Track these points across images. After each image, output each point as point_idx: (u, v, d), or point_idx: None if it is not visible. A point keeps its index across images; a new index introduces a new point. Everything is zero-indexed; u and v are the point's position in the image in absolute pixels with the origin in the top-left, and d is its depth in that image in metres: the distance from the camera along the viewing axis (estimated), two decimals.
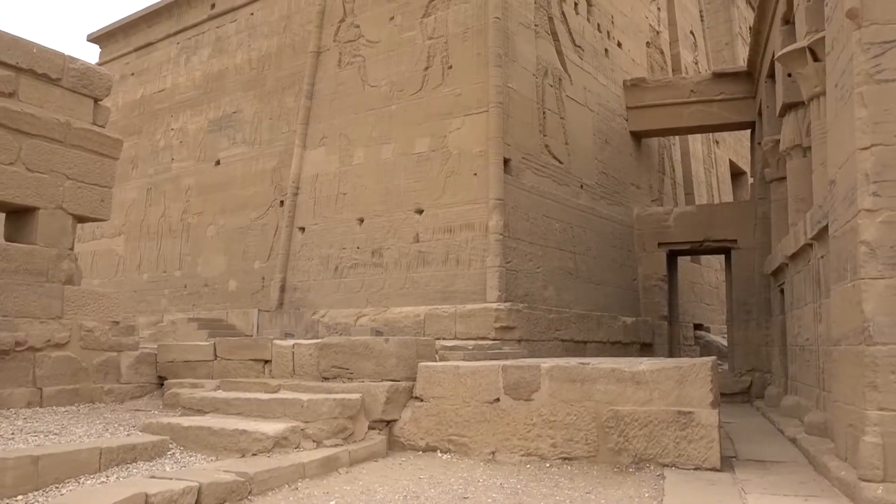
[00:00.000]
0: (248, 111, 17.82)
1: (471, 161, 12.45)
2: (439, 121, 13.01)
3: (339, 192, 14.24)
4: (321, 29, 15.43)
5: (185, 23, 20.17)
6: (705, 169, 21.71)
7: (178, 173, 19.13)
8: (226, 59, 18.83)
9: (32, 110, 8.90)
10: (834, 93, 7.03)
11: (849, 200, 6.23)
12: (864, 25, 6.18)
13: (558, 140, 14.14)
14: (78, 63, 9.57)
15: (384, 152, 13.73)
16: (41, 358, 8.69)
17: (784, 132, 11.23)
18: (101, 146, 9.69)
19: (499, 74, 12.42)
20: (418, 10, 13.80)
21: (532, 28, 13.70)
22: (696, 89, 16.86)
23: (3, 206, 8.83)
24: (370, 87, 14.26)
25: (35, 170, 8.91)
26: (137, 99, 21.03)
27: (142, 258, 19.46)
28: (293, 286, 14.69)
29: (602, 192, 15.67)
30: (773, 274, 13.07)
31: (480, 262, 11.99)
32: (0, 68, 8.65)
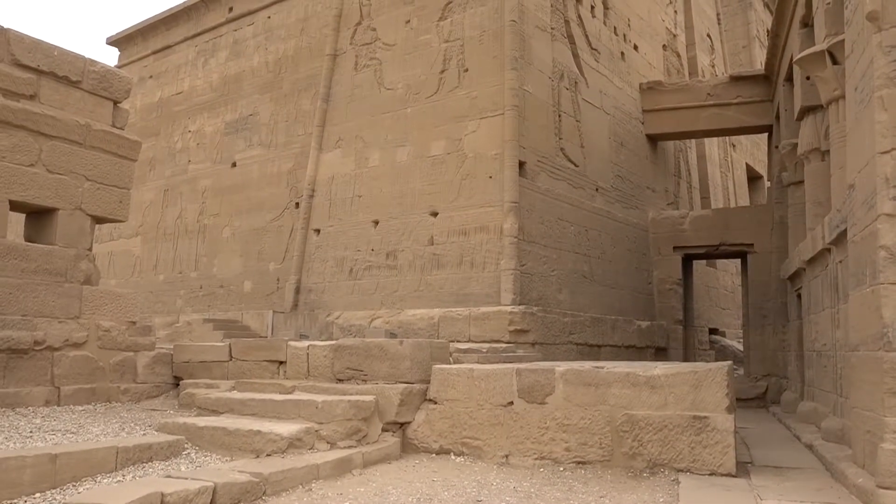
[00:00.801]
0: (264, 113, 17.92)
1: (486, 164, 12.45)
2: (455, 123, 13.03)
3: (355, 195, 14.29)
4: (338, 32, 15.49)
5: (203, 26, 20.33)
6: (721, 172, 21.57)
7: (194, 175, 19.27)
8: (243, 62, 18.96)
9: (53, 112, 9.00)
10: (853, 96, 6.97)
11: (868, 205, 6.18)
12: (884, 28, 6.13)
13: (574, 143, 14.11)
14: (98, 66, 9.67)
15: (399, 155, 13.76)
16: (59, 357, 8.77)
17: (802, 136, 11.14)
18: (120, 148, 9.79)
19: (514, 77, 12.42)
20: (434, 14, 13.83)
21: (548, 31, 13.69)
22: (712, 92, 16.77)
23: (24, 206, 8.94)
24: (386, 90, 14.30)
25: (55, 171, 9.01)
26: (155, 101, 21.22)
27: (158, 259, 19.62)
28: (308, 288, 14.74)
29: (617, 196, 15.61)
30: (790, 279, 12.95)
31: (495, 264, 11.98)
32: (21, 71, 8.76)
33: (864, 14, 6.23)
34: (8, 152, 8.50)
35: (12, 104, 8.56)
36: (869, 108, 6.20)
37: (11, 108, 8.53)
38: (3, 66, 8.57)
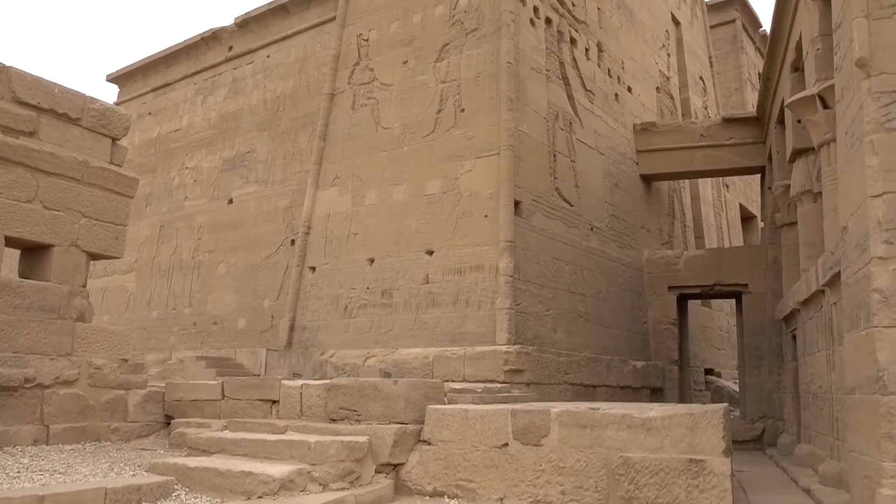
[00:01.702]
0: (261, 151, 18.05)
1: (482, 203, 12.52)
2: (451, 163, 13.13)
3: (351, 233, 14.32)
4: (336, 72, 15.69)
5: (203, 64, 20.58)
6: (715, 213, 21.73)
7: (190, 211, 19.31)
8: (241, 100, 19.15)
9: (51, 149, 9.05)
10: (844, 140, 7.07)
11: (861, 247, 6.22)
12: (873, 74, 6.24)
13: (569, 183, 14.22)
14: (98, 103, 9.76)
15: (396, 193, 13.84)
16: (49, 395, 8.68)
17: (794, 178, 11.26)
18: (117, 185, 9.82)
19: (510, 118, 12.57)
20: (432, 55, 14.04)
21: (543, 73, 13.89)
22: (705, 134, 16.98)
23: (20, 242, 8.93)
24: (383, 129, 14.44)
25: (52, 207, 9.02)
26: (154, 137, 21.36)
27: (152, 295, 19.54)
28: (302, 325, 14.68)
29: (612, 235, 15.68)
30: (785, 319, 12.96)
31: (490, 304, 11.97)
32: (22, 108, 8.84)
33: (854, 61, 6.35)
34: (5, 188, 8.52)
35: (11, 141, 8.60)
36: (860, 152, 6.29)
37: (10, 145, 8.57)
38: (4, 103, 8.65)
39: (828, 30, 8.85)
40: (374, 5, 15.41)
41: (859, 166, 6.25)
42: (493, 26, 13.17)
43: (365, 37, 15.39)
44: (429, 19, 14.32)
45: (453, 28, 13.84)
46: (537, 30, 13.95)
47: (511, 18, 13.06)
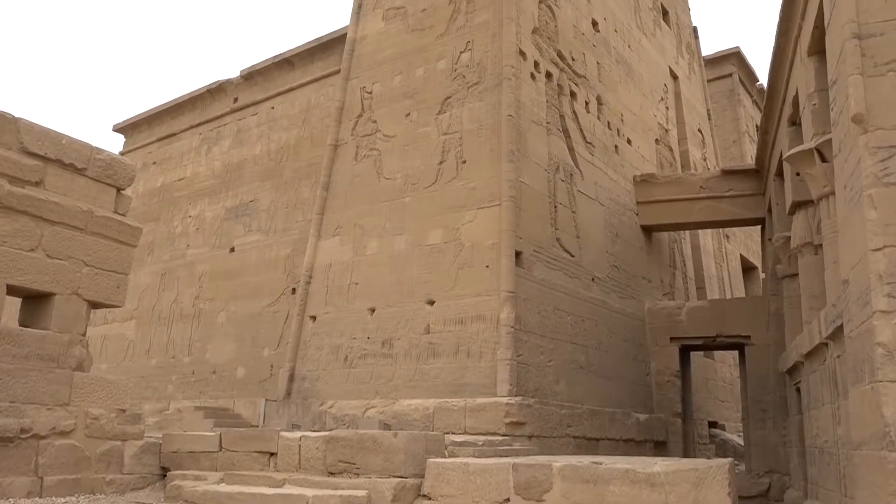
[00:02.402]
0: (264, 200, 18.19)
1: (483, 253, 12.55)
2: (452, 213, 13.21)
3: (352, 282, 14.32)
4: (339, 123, 15.90)
5: (208, 115, 20.90)
6: (716, 263, 21.75)
7: (192, 259, 19.37)
8: (245, 150, 19.39)
9: (57, 198, 9.13)
10: (843, 194, 7.13)
11: (863, 301, 6.21)
12: (870, 130, 6.33)
13: (570, 234, 14.28)
14: (104, 154, 9.88)
15: (397, 243, 13.89)
16: (45, 446, 8.56)
17: (795, 230, 11.30)
18: (121, 234, 9.87)
19: (511, 169, 12.69)
20: (434, 108, 14.26)
21: (544, 125, 14.09)
22: (705, 185, 17.11)
23: (22, 291, 8.93)
24: (385, 180, 14.57)
25: (55, 256, 9.06)
26: (158, 186, 21.55)
27: (151, 343, 19.45)
28: (302, 375, 14.56)
29: (613, 286, 15.67)
30: (789, 372, 12.86)
31: (491, 354, 11.89)
32: (29, 158, 8.94)
33: (850, 116, 6.45)
34: (9, 237, 8.56)
35: (17, 190, 8.69)
36: (859, 206, 6.33)
37: (16, 195, 8.65)
38: (12, 153, 8.76)
39: (824, 85, 9.00)
40: (378, 59, 15.72)
41: (859, 220, 6.29)
42: (495, 80, 13.41)
43: (368, 89, 15.66)
44: (431, 73, 14.59)
45: (455, 81, 14.09)
46: (538, 83, 14.19)
47: (512, 73, 13.31)
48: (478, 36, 14.04)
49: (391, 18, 15.82)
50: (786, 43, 11.10)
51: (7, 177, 8.68)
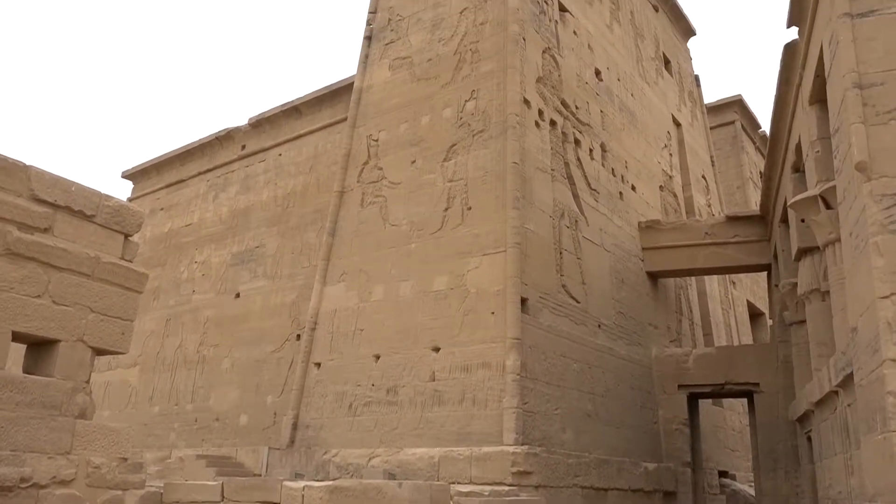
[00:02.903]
0: (270, 246, 18.26)
1: (488, 300, 12.52)
2: (458, 260, 13.23)
3: (357, 328, 14.27)
4: (346, 170, 16.05)
5: (216, 162, 21.15)
6: (723, 310, 21.63)
7: (198, 305, 19.36)
8: (252, 196, 19.55)
9: (65, 245, 9.17)
10: (849, 241, 7.12)
11: (872, 349, 6.15)
12: (874, 178, 6.36)
13: (575, 280, 14.26)
14: (113, 201, 9.95)
15: (403, 289, 13.88)
16: (45, 495, 8.43)
17: (801, 276, 11.27)
18: (127, 280, 9.88)
19: (516, 216, 12.74)
20: (439, 155, 14.40)
21: (548, 172, 14.20)
22: (710, 231, 17.13)
23: (27, 337, 8.91)
24: (391, 226, 14.63)
25: (61, 303, 9.06)
26: (165, 232, 21.69)
27: (154, 390, 19.32)
28: (305, 423, 14.41)
29: (620, 332, 15.57)
30: (800, 420, 12.68)
31: (497, 402, 11.76)
32: (38, 205, 9.02)
33: (853, 164, 6.49)
34: (17, 283, 8.58)
35: (26, 237, 8.74)
36: (865, 253, 6.32)
37: (25, 241, 8.70)
38: (22, 201, 8.84)
39: (826, 133, 9.07)
40: (385, 108, 15.95)
41: (866, 267, 6.27)
42: (500, 128, 13.57)
43: (375, 137, 15.85)
44: (437, 121, 14.78)
45: (461, 129, 14.26)
46: (542, 131, 14.35)
47: (517, 121, 13.47)
48: (483, 85, 14.26)
49: (397, 68, 16.10)
50: (787, 91, 11.24)
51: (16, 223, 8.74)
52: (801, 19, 9.67)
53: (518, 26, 14.27)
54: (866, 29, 6.95)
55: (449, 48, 15.27)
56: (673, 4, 24.04)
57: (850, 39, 6.94)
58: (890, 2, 6.94)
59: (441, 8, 15.90)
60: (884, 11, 6.92)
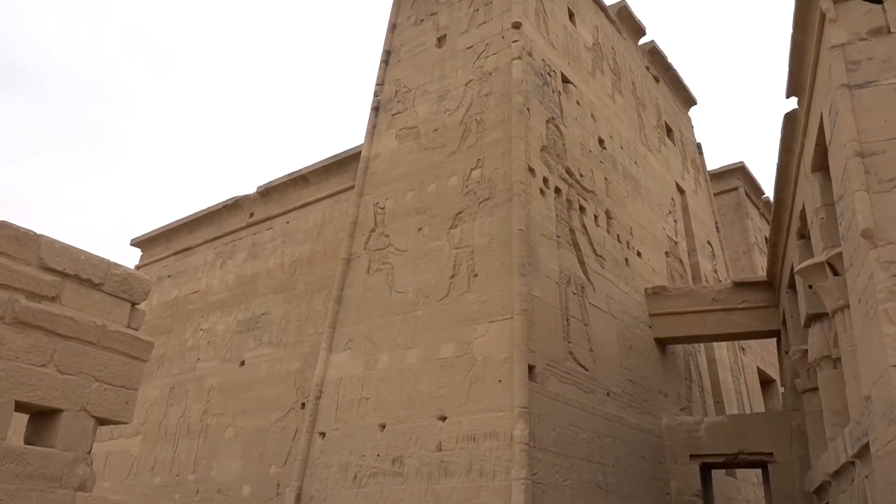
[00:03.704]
0: (276, 313, 18.24)
1: (495, 368, 12.40)
2: (464, 327, 13.16)
3: (363, 397, 14.09)
4: (353, 237, 16.16)
5: (224, 229, 21.34)
6: (733, 376, 21.33)
7: (202, 373, 19.21)
8: (259, 264, 19.64)
9: (72, 313, 9.18)
10: (858, 308, 7.08)
11: (888, 418, 6.04)
12: (880, 245, 6.37)
13: (583, 347, 14.14)
14: (121, 269, 10.01)
15: (409, 357, 13.77)
16: None
17: (811, 343, 11.16)
18: (133, 348, 9.84)
19: (523, 283, 12.74)
20: (445, 222, 14.51)
21: (554, 239, 14.26)
22: (717, 297, 17.06)
23: (30, 407, 8.82)
24: (397, 293, 14.63)
25: (65, 372, 9.00)
26: (171, 299, 21.72)
27: (156, 460, 18.99)
28: (309, 495, 14.08)
29: (629, 400, 15.34)
30: (816, 492, 12.33)
31: (505, 473, 11.50)
32: (47, 274, 9.07)
33: (859, 231, 6.50)
34: (22, 352, 8.56)
35: (34, 306, 8.76)
36: (875, 320, 6.28)
37: (33, 310, 8.72)
38: (31, 269, 8.90)
39: (830, 200, 9.13)
40: (391, 176, 16.18)
41: (876, 335, 6.22)
42: (505, 196, 13.71)
43: (381, 205, 16.01)
44: (443, 189, 14.95)
45: (466, 197, 14.41)
46: (547, 199, 14.49)
47: (522, 189, 13.62)
48: (488, 154, 14.49)
49: (404, 137, 16.40)
50: (789, 159, 11.38)
51: (25, 292, 8.78)
52: (801, 90, 9.88)
53: (522, 97, 14.59)
54: (865, 99, 7.08)
55: (455, 118, 15.59)
56: (673, 75, 24.60)
57: (850, 109, 7.07)
58: (887, 73, 7.09)
59: (447, 80, 16.31)
60: (881, 82, 7.07)
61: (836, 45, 7.66)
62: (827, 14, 7.87)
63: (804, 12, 8.80)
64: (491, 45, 15.85)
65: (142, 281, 10.33)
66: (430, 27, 17.54)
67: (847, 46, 7.55)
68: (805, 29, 8.97)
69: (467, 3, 17.08)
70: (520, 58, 15.10)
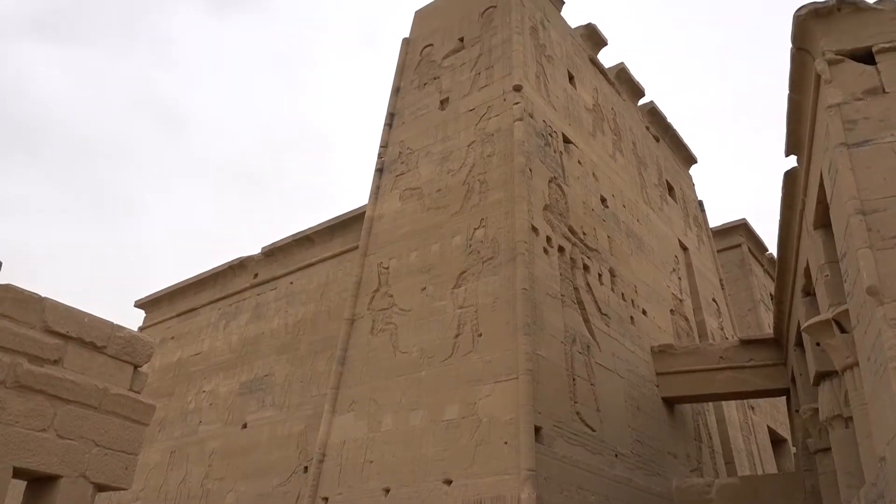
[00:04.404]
0: (279, 374, 18.08)
1: (501, 429, 12.20)
2: (469, 387, 13.01)
3: (366, 460, 13.84)
4: (356, 298, 16.14)
5: (228, 290, 21.36)
6: (743, 436, 20.94)
7: (203, 436, 18.94)
8: (263, 324, 19.58)
9: (73, 377, 9.12)
10: (868, 366, 7.00)
11: None
12: (886, 302, 6.34)
13: (590, 407, 13.94)
14: (124, 331, 9.98)
15: (413, 419, 13.57)
16: None
17: (822, 402, 10.98)
18: (134, 412, 9.74)
19: (528, 342, 12.65)
20: (449, 282, 14.51)
21: (559, 298, 14.23)
22: (724, 355, 16.89)
23: (28, 473, 8.68)
24: (401, 354, 14.52)
25: (65, 436, 8.89)
26: (174, 361, 21.58)
27: None
28: None
29: (638, 462, 15.03)
30: None
31: None
32: (50, 337, 9.05)
33: (864, 289, 6.48)
34: (22, 417, 8.47)
35: (36, 369, 8.71)
36: (884, 379, 6.20)
37: (34, 374, 8.66)
38: (35, 333, 8.88)
39: (834, 257, 9.13)
40: (395, 236, 16.26)
41: (887, 394, 6.13)
42: (509, 255, 13.75)
43: (385, 265, 16.05)
44: (447, 249, 15.01)
45: (470, 257, 14.45)
46: (551, 258, 14.52)
47: (525, 248, 13.66)
48: (491, 213, 14.60)
49: (408, 198, 16.56)
50: (791, 217, 11.43)
51: (27, 356, 8.74)
52: (799, 148, 9.99)
53: (524, 158, 14.78)
54: (863, 157, 7.16)
55: (458, 179, 15.76)
56: (673, 135, 24.97)
57: (849, 167, 7.14)
58: (883, 132, 7.19)
59: (450, 141, 16.57)
60: (878, 141, 7.16)
61: (832, 105, 7.80)
62: (822, 75, 8.03)
63: (800, 73, 8.98)
64: (493, 108, 16.15)
65: (145, 343, 10.29)
66: (433, 90, 17.92)
67: (843, 106, 7.68)
68: (801, 89, 9.13)
69: (469, 68, 17.49)
70: (521, 119, 15.36)
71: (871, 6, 8.32)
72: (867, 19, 8.20)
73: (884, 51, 7.90)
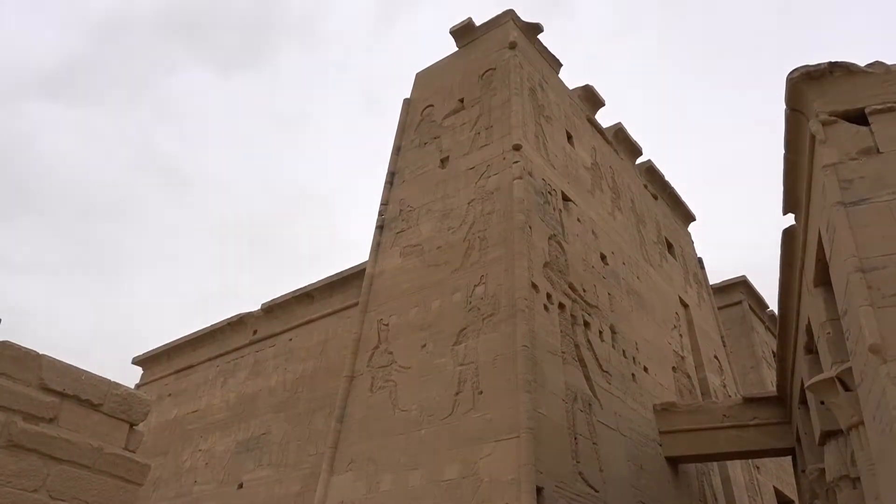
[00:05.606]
0: (276, 432, 17.82)
1: (502, 489, 11.95)
2: (469, 446, 12.80)
3: None
4: (356, 355, 16.02)
5: (227, 347, 21.22)
6: (749, 497, 20.50)
7: (198, 497, 18.54)
8: (261, 381, 19.39)
9: (68, 435, 8.98)
10: (873, 426, 6.92)
11: None
12: (889, 360, 6.31)
13: (592, 467, 13.69)
14: (121, 389, 9.88)
15: (412, 479, 13.31)
16: None
17: (828, 462, 10.81)
18: (128, 472, 9.56)
19: (529, 400, 12.51)
20: (449, 339, 14.43)
21: (559, 355, 14.13)
22: (728, 414, 16.66)
23: None
24: (401, 412, 14.34)
25: (58, 497, 8.71)
26: (171, 419, 21.29)
27: None
28: None
29: None
30: None
31: None
32: (46, 394, 8.96)
33: (867, 346, 6.45)
34: (13, 477, 8.31)
35: (31, 428, 8.59)
36: (891, 437, 6.12)
37: (29, 433, 8.54)
38: (31, 390, 8.79)
39: (835, 315, 9.11)
40: (395, 293, 16.25)
41: (894, 453, 6.04)
42: (509, 312, 13.71)
43: (385, 322, 15.99)
44: (447, 306, 14.97)
45: (470, 313, 14.41)
46: (551, 314, 14.48)
47: (525, 304, 13.64)
48: (491, 270, 14.62)
49: (408, 255, 16.61)
50: (791, 275, 11.45)
51: (22, 413, 8.63)
52: (797, 206, 10.08)
53: (524, 215, 14.89)
54: (861, 216, 7.22)
55: (458, 236, 15.84)
56: (671, 193, 25.21)
57: (847, 226, 7.19)
58: (880, 191, 7.27)
59: (450, 199, 16.71)
60: (875, 200, 7.24)
61: (828, 165, 7.90)
62: (817, 135, 8.17)
63: (795, 133, 9.13)
64: (492, 166, 16.36)
65: (141, 401, 10.17)
66: (434, 149, 18.17)
67: (839, 166, 7.79)
68: (797, 149, 9.27)
69: (469, 127, 17.78)
70: (521, 178, 15.54)
71: (862, 69, 8.52)
72: (859, 82, 8.39)
73: (877, 112, 8.06)
